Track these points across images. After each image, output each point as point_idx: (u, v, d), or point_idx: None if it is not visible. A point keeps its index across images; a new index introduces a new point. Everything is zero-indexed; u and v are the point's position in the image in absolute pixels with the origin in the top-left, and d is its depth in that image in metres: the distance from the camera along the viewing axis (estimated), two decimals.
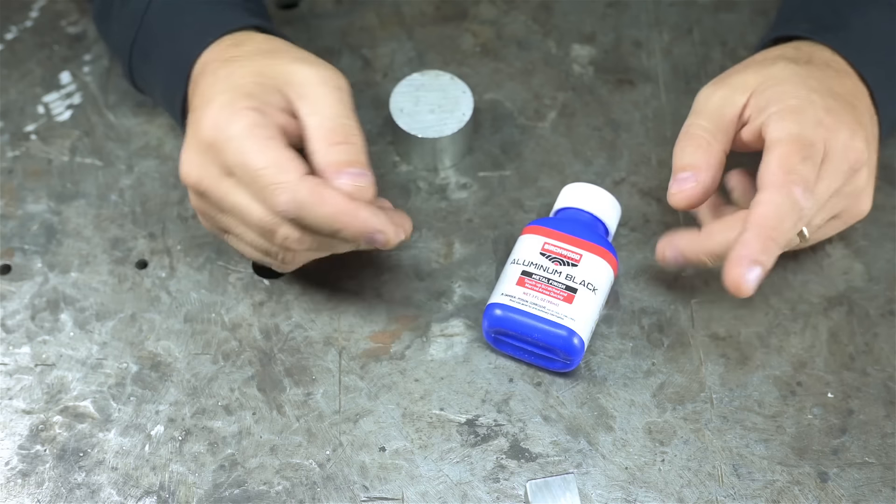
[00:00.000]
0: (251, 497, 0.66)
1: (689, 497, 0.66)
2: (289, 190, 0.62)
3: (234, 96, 0.64)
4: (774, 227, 0.62)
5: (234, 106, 0.64)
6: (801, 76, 0.67)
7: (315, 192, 0.62)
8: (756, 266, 0.61)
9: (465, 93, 0.77)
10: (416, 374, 0.70)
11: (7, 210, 0.77)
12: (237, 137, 0.63)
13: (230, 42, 0.70)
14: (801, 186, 0.62)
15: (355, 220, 0.62)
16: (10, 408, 0.69)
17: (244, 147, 0.63)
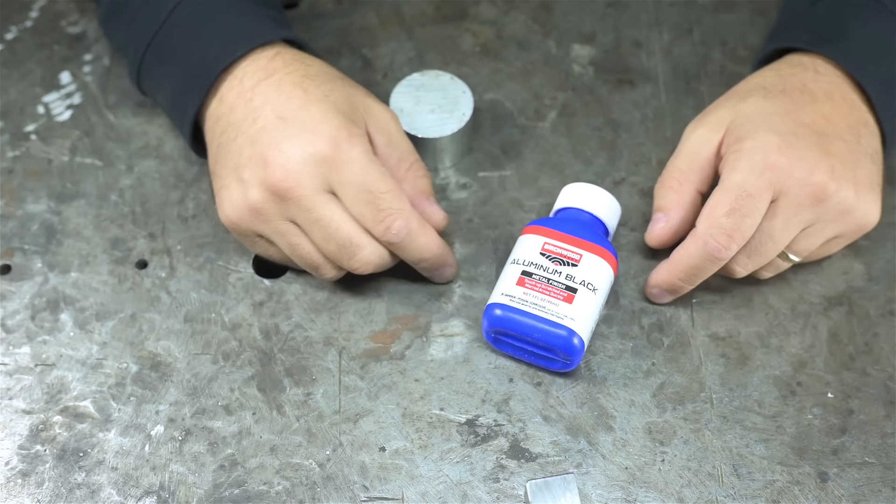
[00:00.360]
0: (251, 497, 0.66)
1: (689, 497, 0.66)
2: (405, 217, 0.67)
3: (347, 121, 0.68)
4: (682, 270, 0.69)
5: (351, 130, 0.68)
6: (766, 113, 0.69)
7: (423, 224, 0.69)
8: (658, 289, 0.71)
9: (465, 93, 0.77)
10: (416, 374, 0.70)
11: (7, 210, 0.77)
12: (358, 160, 0.67)
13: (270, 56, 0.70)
14: (719, 240, 0.67)
15: (443, 253, 0.71)
16: (10, 408, 0.69)
17: (367, 170, 0.67)
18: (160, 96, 0.75)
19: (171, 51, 0.72)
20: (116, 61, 0.83)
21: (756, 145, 0.67)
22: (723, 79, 0.82)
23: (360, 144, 0.67)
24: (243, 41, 0.71)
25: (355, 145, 0.67)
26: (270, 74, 0.70)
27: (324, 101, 0.68)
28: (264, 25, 0.72)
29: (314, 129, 0.67)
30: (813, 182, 0.67)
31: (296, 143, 0.67)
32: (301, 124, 0.67)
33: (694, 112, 0.80)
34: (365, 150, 0.67)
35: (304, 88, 0.69)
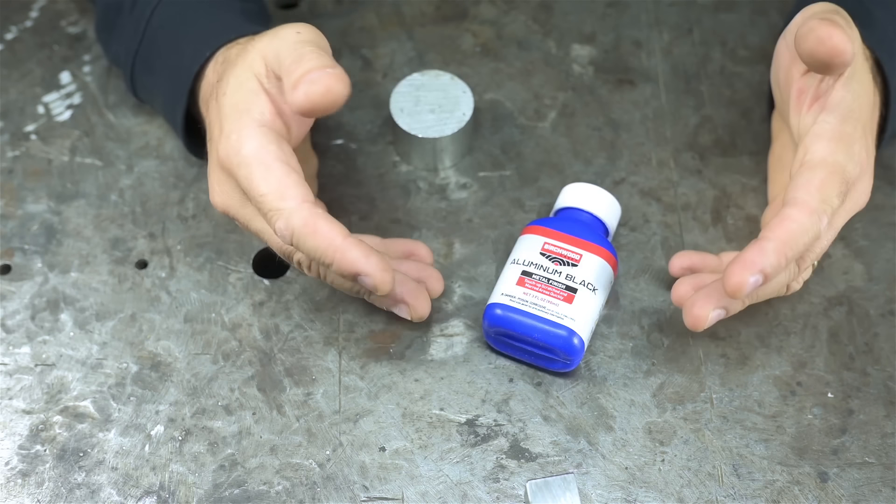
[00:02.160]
0: (251, 497, 0.66)
1: (689, 497, 0.66)
2: (283, 217, 0.62)
3: (236, 118, 0.64)
4: (794, 246, 0.61)
5: (239, 128, 0.64)
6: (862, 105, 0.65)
7: (308, 223, 0.61)
8: (761, 276, 0.61)
9: (465, 93, 0.77)
10: (416, 374, 0.70)
11: (7, 210, 0.77)
12: (245, 163, 0.63)
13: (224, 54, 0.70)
14: (828, 217, 0.62)
15: (343, 257, 0.61)
16: (10, 408, 0.69)
17: (250, 173, 0.63)
18: (156, 104, 0.76)
19: (156, 58, 0.73)
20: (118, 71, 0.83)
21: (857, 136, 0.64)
22: (723, 79, 0.82)
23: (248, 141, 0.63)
24: (210, 41, 0.70)
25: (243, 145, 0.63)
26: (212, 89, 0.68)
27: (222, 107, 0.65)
28: (232, 22, 0.72)
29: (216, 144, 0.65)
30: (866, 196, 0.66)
31: (211, 164, 0.67)
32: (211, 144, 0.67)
33: (694, 112, 0.80)
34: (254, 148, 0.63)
35: (216, 96, 0.67)
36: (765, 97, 0.79)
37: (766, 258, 0.60)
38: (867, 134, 0.66)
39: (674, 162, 0.78)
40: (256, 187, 0.63)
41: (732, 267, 0.61)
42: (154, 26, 0.72)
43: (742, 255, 0.61)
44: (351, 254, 0.61)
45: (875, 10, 0.71)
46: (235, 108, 0.65)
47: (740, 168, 0.77)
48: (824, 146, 0.63)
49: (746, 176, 0.77)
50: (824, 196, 0.62)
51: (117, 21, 0.75)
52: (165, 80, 0.72)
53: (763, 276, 0.60)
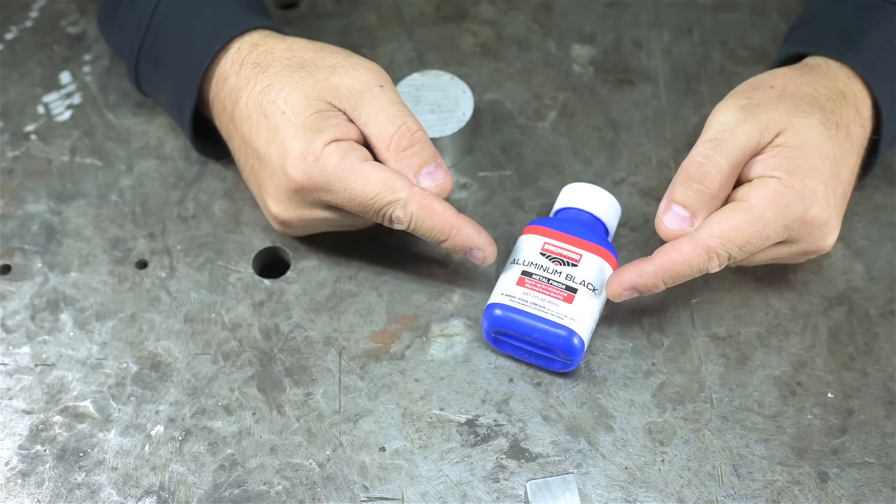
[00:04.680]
0: (251, 497, 0.66)
1: (689, 497, 0.66)
2: (400, 206, 0.66)
3: (308, 139, 0.66)
4: (673, 276, 0.65)
5: (315, 149, 0.66)
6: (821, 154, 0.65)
7: (424, 206, 0.66)
8: (634, 291, 0.66)
9: (465, 93, 0.77)
10: (416, 374, 0.70)
11: (7, 210, 0.77)
12: (336, 178, 0.66)
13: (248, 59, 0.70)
14: (720, 259, 0.65)
15: (459, 233, 0.67)
16: (10, 408, 0.69)
17: (348, 183, 0.66)
18: (161, 97, 0.76)
19: (162, 51, 0.72)
20: (116, 61, 0.83)
21: (803, 189, 0.64)
22: (723, 79, 0.82)
23: (330, 157, 0.66)
24: (220, 35, 0.70)
25: (326, 164, 0.66)
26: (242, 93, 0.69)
27: (283, 124, 0.67)
28: (239, 15, 0.72)
29: (282, 164, 0.67)
30: (824, 246, 0.67)
31: (276, 184, 0.68)
32: (271, 162, 0.67)
33: (694, 112, 0.80)
34: (338, 162, 0.66)
35: (264, 111, 0.68)
36: None
37: (641, 279, 0.66)
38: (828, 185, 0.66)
39: (674, 162, 0.78)
40: (363, 192, 0.66)
41: (612, 276, 0.67)
42: (159, 19, 0.72)
43: (623, 269, 0.67)
44: (466, 230, 0.67)
45: (872, 27, 0.70)
46: (304, 128, 0.66)
47: None
48: (760, 196, 0.65)
49: None
50: (725, 242, 0.64)
51: (118, 11, 0.74)
52: (172, 73, 0.72)
53: (637, 292, 0.66)
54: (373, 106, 0.68)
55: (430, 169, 0.68)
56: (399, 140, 0.67)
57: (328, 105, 0.68)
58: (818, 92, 0.68)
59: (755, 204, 0.65)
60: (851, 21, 0.71)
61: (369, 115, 0.68)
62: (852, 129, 0.68)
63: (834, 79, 0.69)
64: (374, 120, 0.68)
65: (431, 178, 0.68)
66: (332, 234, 0.74)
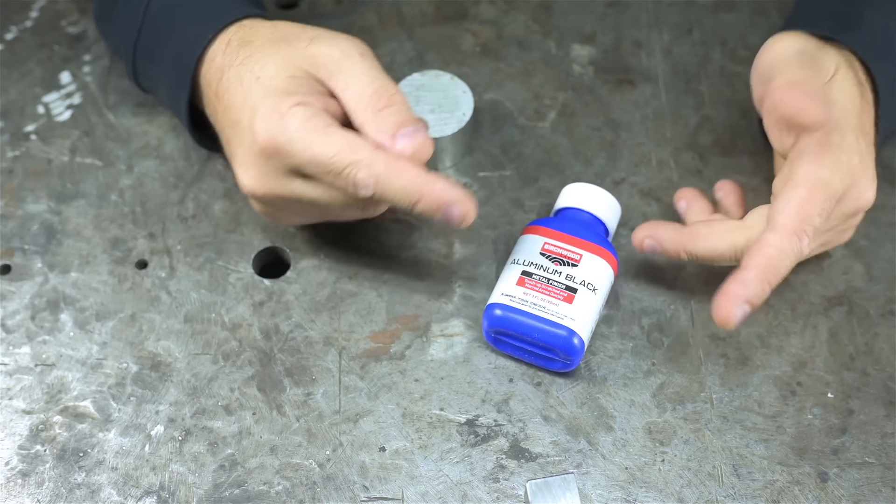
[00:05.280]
0: (251, 497, 0.66)
1: (689, 497, 0.66)
2: (365, 166, 0.62)
3: (276, 99, 0.65)
4: (775, 272, 0.63)
5: (280, 108, 0.64)
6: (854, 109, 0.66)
7: (391, 165, 0.63)
8: (747, 306, 0.63)
9: (465, 93, 0.77)
10: (416, 374, 0.70)
11: (7, 210, 0.77)
12: (297, 137, 0.63)
13: (235, 38, 0.69)
14: (809, 236, 0.63)
15: (432, 190, 0.63)
16: (10, 408, 0.69)
17: (308, 142, 0.63)
18: (159, 92, 0.75)
19: (157, 45, 0.72)
20: (116, 61, 0.83)
21: (844, 144, 0.65)
22: (723, 79, 0.82)
23: (294, 118, 0.63)
24: (212, 24, 0.70)
25: (288, 122, 0.63)
26: (226, 69, 0.68)
27: (254, 88, 0.66)
28: (230, 4, 0.71)
29: (249, 126, 0.65)
30: (867, 197, 0.66)
31: (244, 148, 0.66)
32: (240, 126, 0.66)
33: (694, 112, 0.80)
34: (301, 122, 0.63)
35: (241, 80, 0.67)
36: None
37: (748, 289, 0.62)
38: (859, 137, 0.66)
39: (674, 162, 0.78)
40: (322, 152, 0.63)
41: (719, 301, 0.63)
42: (153, 12, 0.72)
43: (726, 289, 0.63)
44: (438, 186, 0.63)
45: (866, 11, 0.71)
46: (275, 90, 0.65)
47: (740, 168, 0.77)
48: (808, 163, 0.64)
49: (746, 176, 0.77)
50: (804, 216, 0.63)
51: (114, 9, 0.75)
52: (167, 66, 0.72)
53: (749, 305, 0.63)
54: (351, 70, 0.66)
55: (409, 130, 0.64)
56: (376, 100, 0.65)
57: (305, 73, 0.66)
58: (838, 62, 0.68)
59: (808, 171, 0.64)
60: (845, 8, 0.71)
61: (347, 79, 0.65)
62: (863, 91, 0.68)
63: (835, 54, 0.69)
64: (353, 83, 0.65)
65: (409, 139, 0.64)
66: (333, 234, 0.74)
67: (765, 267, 0.63)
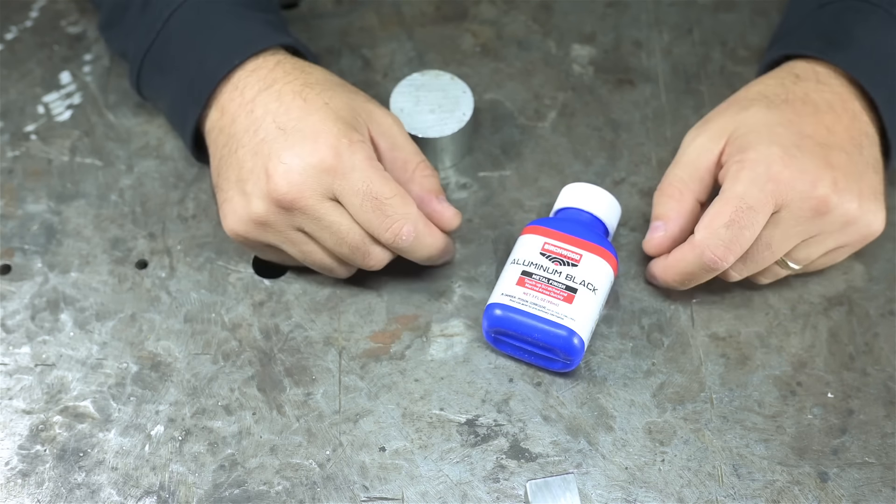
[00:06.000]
0: (251, 497, 0.66)
1: (689, 497, 0.66)
2: (412, 221, 0.67)
3: (345, 127, 0.67)
4: (677, 274, 0.69)
5: (352, 137, 0.67)
6: (769, 124, 0.68)
7: (429, 225, 0.69)
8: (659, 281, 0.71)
9: (465, 93, 0.77)
10: (416, 374, 0.70)
11: (7, 210, 0.77)
12: (361, 167, 0.66)
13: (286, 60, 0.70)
14: (717, 251, 0.66)
15: (448, 249, 0.71)
16: (10, 408, 0.69)
17: (370, 176, 0.66)
18: (161, 103, 0.76)
19: (169, 60, 0.72)
20: (116, 61, 0.83)
21: (758, 157, 0.67)
22: (723, 79, 0.82)
23: (361, 150, 0.67)
24: (241, 49, 0.70)
25: (357, 152, 0.66)
26: (270, 84, 0.69)
27: (324, 109, 0.68)
28: (262, 31, 0.72)
29: (314, 137, 0.66)
30: (815, 195, 0.66)
31: (297, 153, 0.66)
32: (301, 134, 0.67)
33: (694, 112, 0.80)
34: (367, 156, 0.67)
35: (304, 97, 0.68)
36: None
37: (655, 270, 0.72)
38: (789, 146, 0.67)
39: None
40: (380, 190, 0.66)
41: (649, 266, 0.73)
42: (172, 28, 0.72)
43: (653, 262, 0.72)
44: (449, 245, 0.72)
45: (854, 28, 0.71)
46: (345, 120, 0.68)
47: None
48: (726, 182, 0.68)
49: None
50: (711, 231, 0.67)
51: (125, 17, 0.74)
52: (177, 81, 0.72)
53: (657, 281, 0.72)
54: (401, 139, 0.71)
55: (443, 199, 0.72)
56: (423, 168, 0.71)
57: (364, 121, 0.70)
58: (765, 84, 0.72)
59: (725, 189, 0.68)
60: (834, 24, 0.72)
61: (396, 144, 0.71)
62: (812, 96, 0.70)
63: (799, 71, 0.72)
64: (402, 149, 0.71)
65: (443, 206, 0.71)
66: None
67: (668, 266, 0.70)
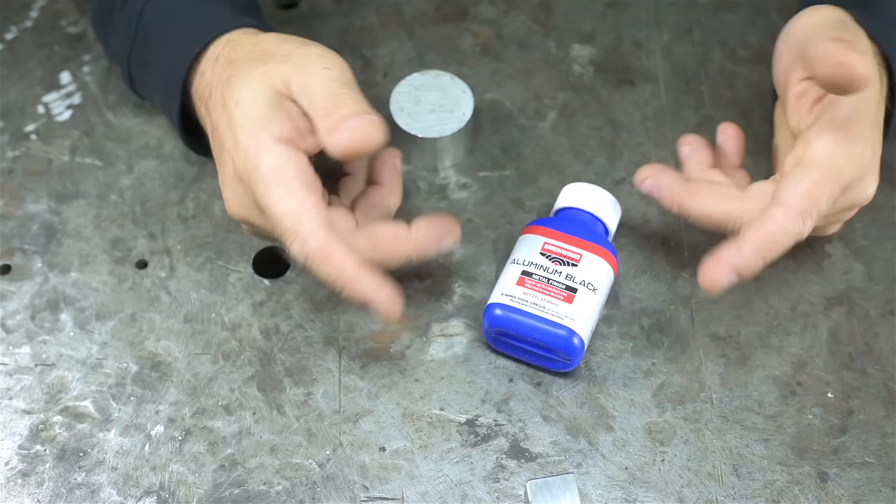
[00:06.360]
0: (251, 497, 0.66)
1: (689, 497, 0.66)
2: (299, 240, 0.63)
3: (254, 131, 0.64)
4: (773, 248, 0.63)
5: (258, 142, 0.64)
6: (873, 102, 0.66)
7: (322, 250, 0.63)
8: (735, 275, 0.63)
9: (465, 93, 0.77)
10: (416, 374, 0.70)
11: (7, 210, 0.77)
12: (262, 181, 0.64)
13: (222, 54, 0.69)
14: (813, 219, 0.63)
15: (354, 286, 0.64)
16: (10, 408, 0.69)
17: (268, 191, 0.64)
18: (154, 100, 0.76)
19: (150, 54, 0.73)
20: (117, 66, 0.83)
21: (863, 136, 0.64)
22: (723, 79, 0.82)
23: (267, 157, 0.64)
24: (200, 37, 0.70)
25: (262, 160, 0.63)
26: (214, 88, 0.68)
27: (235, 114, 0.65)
28: (221, 16, 0.71)
29: (231, 153, 0.66)
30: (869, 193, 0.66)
31: (226, 172, 0.66)
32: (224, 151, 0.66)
33: (694, 112, 0.80)
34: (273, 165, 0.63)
35: (224, 103, 0.66)
36: (765, 97, 0.79)
37: (742, 258, 0.63)
38: (873, 129, 0.66)
39: (674, 162, 0.78)
40: (274, 207, 0.63)
41: (709, 264, 0.63)
42: (146, 21, 0.72)
43: (719, 254, 0.63)
44: (361, 284, 0.63)
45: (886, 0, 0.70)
46: (252, 121, 0.65)
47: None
48: (824, 145, 0.64)
49: None
50: (812, 199, 0.63)
51: (112, 17, 0.75)
52: (160, 75, 0.72)
53: (738, 275, 0.63)
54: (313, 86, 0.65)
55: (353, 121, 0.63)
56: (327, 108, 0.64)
57: (279, 95, 0.66)
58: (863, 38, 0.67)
59: (824, 155, 0.64)
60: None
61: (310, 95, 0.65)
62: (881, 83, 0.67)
63: None
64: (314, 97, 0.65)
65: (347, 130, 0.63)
66: None
67: (763, 241, 0.63)
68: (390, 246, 0.66)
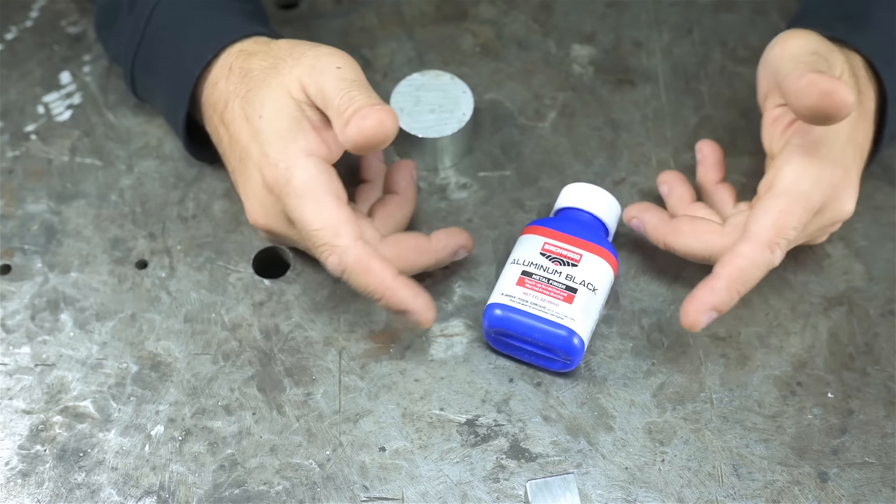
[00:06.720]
0: (251, 497, 0.66)
1: (689, 497, 0.66)
2: (337, 254, 0.65)
3: (283, 145, 0.65)
4: (744, 282, 0.65)
5: (288, 156, 0.65)
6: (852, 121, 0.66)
7: (361, 262, 0.65)
8: (714, 313, 0.65)
9: (465, 93, 0.77)
10: (416, 374, 0.70)
11: (7, 210, 0.77)
12: (296, 194, 0.65)
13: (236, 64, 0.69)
14: (782, 249, 0.65)
15: (394, 295, 0.65)
16: (10, 408, 0.69)
17: (302, 205, 0.65)
18: (156, 104, 0.76)
19: (156, 59, 0.73)
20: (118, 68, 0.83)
21: (828, 155, 0.65)
22: (723, 79, 0.82)
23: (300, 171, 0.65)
24: (211, 44, 0.70)
25: (295, 174, 0.65)
26: (231, 99, 0.69)
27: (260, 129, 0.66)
28: (231, 23, 0.72)
29: (258, 166, 0.66)
30: (846, 211, 0.67)
31: (252, 186, 0.68)
32: (251, 164, 0.67)
33: (694, 112, 0.80)
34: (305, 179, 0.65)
35: (246, 116, 0.67)
36: None
37: (716, 296, 0.65)
38: (846, 150, 0.66)
39: (674, 162, 0.78)
40: (309, 221, 0.65)
41: (687, 305, 0.65)
42: (154, 26, 0.72)
43: (694, 294, 0.65)
44: (400, 293, 0.65)
45: (874, 10, 0.71)
46: (279, 135, 0.66)
47: (740, 168, 0.77)
48: (791, 171, 0.65)
49: (746, 176, 0.77)
50: (779, 229, 0.64)
51: (116, 20, 0.75)
52: (166, 81, 0.72)
53: (716, 311, 0.65)
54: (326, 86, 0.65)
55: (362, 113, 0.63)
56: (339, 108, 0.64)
57: (298, 103, 0.66)
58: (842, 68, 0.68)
59: (791, 182, 0.65)
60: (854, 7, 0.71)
61: (325, 96, 0.65)
62: (863, 99, 0.68)
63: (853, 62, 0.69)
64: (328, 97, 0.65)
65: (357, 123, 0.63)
66: None
67: (734, 277, 0.65)
68: (413, 256, 0.69)
